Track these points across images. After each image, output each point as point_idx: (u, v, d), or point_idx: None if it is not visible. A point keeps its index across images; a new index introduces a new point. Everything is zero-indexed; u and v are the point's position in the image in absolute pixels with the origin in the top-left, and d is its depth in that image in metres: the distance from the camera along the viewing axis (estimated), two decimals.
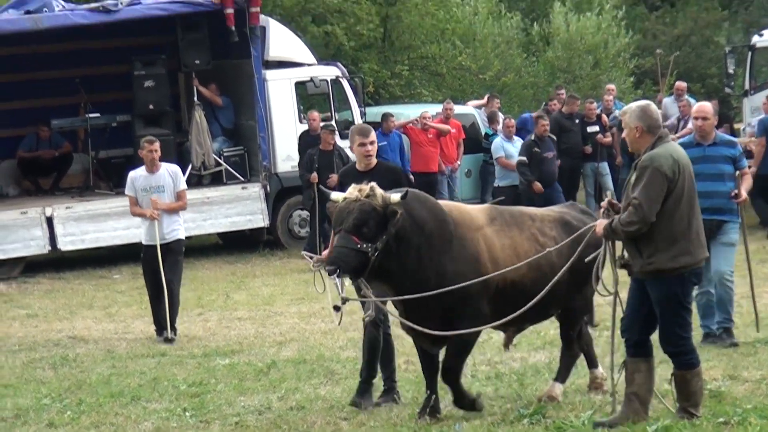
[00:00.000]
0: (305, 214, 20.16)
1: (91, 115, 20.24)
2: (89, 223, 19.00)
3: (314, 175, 18.93)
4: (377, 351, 9.69)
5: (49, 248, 18.91)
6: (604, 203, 8.54)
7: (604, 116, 21.87)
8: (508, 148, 20.42)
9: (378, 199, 8.44)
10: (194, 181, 20.47)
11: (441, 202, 9.23)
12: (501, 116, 21.90)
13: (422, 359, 9.25)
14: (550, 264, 8.98)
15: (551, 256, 8.97)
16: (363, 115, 21.39)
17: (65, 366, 12.22)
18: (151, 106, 20.00)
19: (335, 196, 8.69)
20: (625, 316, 8.52)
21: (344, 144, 20.77)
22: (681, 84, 22.89)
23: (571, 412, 9.00)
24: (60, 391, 10.95)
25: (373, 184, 8.57)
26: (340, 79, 21.37)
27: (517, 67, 29.91)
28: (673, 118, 21.19)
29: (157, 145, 13.55)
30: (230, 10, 19.94)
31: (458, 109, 22.70)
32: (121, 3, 19.81)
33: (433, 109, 22.59)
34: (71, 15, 19.48)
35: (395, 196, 8.45)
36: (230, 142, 20.99)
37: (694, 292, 11.17)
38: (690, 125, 12.98)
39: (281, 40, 21.29)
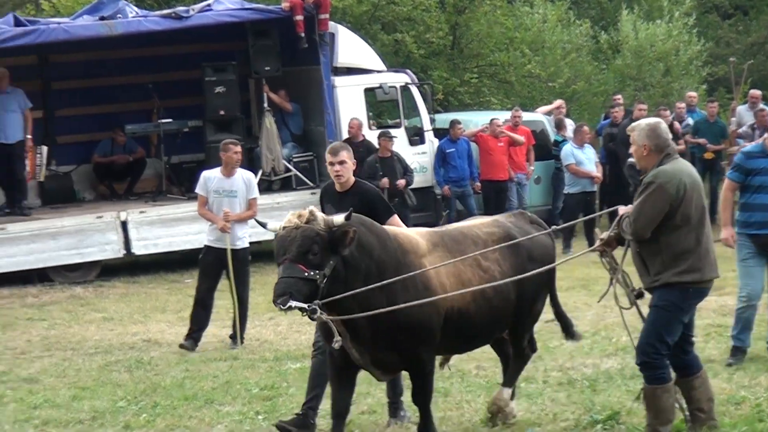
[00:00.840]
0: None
1: (164, 120, 20.34)
2: (162, 227, 19.13)
3: (385, 180, 19.21)
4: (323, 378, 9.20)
5: (124, 252, 19.06)
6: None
7: (676, 124, 21.65)
8: (578, 155, 20.29)
9: (320, 223, 8.02)
10: (264, 187, 20.48)
11: (384, 227, 8.76)
12: (569, 123, 21.77)
13: (334, 394, 8.75)
14: (495, 290, 8.75)
15: (495, 279, 8.73)
16: (432, 121, 21.43)
17: (140, 369, 12.32)
18: (221, 112, 20.07)
19: (272, 225, 8.27)
20: None
21: (414, 150, 20.99)
22: (756, 92, 22.62)
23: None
24: (135, 394, 11.05)
25: (312, 208, 8.16)
26: (410, 86, 21.38)
27: (586, 74, 29.75)
28: (747, 126, 20.97)
29: (240, 149, 13.53)
30: (300, 17, 19.98)
31: (527, 116, 22.56)
32: (193, 10, 19.98)
33: (502, 116, 22.46)
34: (144, 21, 19.62)
35: (338, 218, 8.04)
36: (300, 148, 21.03)
37: (740, 304, 11.09)
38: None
39: (350, 47, 21.33)
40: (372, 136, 20.59)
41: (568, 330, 9.90)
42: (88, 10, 20.29)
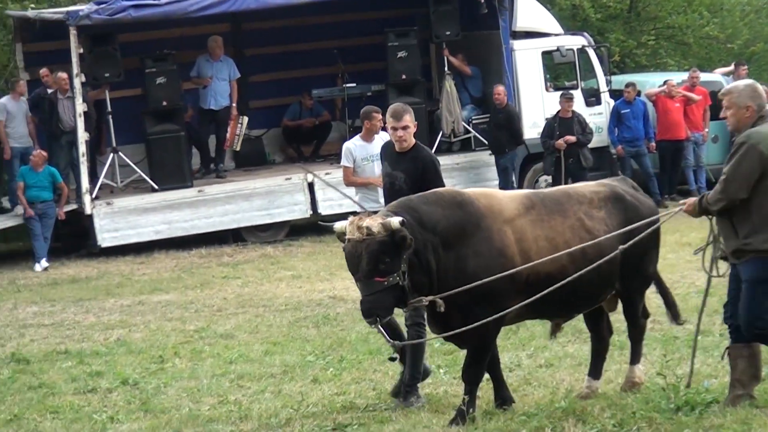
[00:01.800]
0: (549, 179, 20.03)
1: (348, 84, 20.50)
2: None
3: (560, 141, 19.18)
4: (421, 349, 9.06)
5: (311, 212, 19.32)
6: None
7: None
8: None
9: (381, 231, 7.77)
10: (444, 148, 20.63)
11: (469, 191, 8.52)
12: None
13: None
14: (599, 249, 8.31)
15: (600, 241, 8.32)
16: (609, 83, 21.20)
17: (327, 325, 12.49)
18: (403, 76, 20.15)
19: (338, 227, 8.09)
20: (727, 302, 8.10)
21: (590, 111, 20.75)
22: None
23: None
24: (323, 349, 11.22)
25: (368, 220, 7.83)
26: (587, 49, 21.15)
27: (765, 35, 28.97)
28: None
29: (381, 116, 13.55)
30: None
31: (704, 76, 22.12)
32: None
33: (679, 76, 22.14)
34: None
35: (395, 222, 7.78)
36: (479, 110, 21.03)
37: None
38: None
39: (529, 11, 21.17)
40: (549, 97, 20.43)
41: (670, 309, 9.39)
42: None
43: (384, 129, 13.85)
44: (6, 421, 9.35)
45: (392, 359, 8.65)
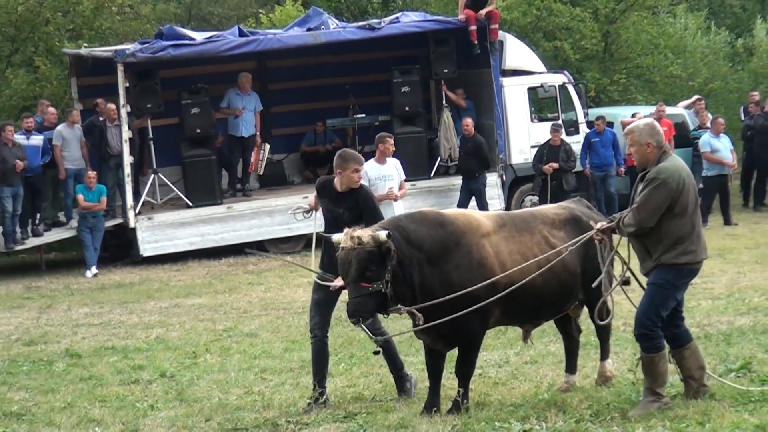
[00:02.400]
0: (535, 198, 20.03)
1: (358, 115, 20.57)
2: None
3: (547, 167, 19.21)
4: (325, 358, 8.88)
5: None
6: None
7: None
8: (715, 144, 19.79)
9: (370, 242, 7.71)
10: (442, 171, 20.66)
11: (448, 211, 8.45)
12: (708, 115, 21.30)
13: (429, 362, 8.44)
14: (561, 262, 8.23)
15: (564, 256, 8.25)
16: (586, 115, 21.22)
17: (339, 325, 12.39)
18: (407, 108, 20.18)
19: (335, 238, 8.04)
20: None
21: (570, 140, 20.73)
22: None
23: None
24: (335, 347, 11.10)
25: (360, 231, 7.78)
26: (567, 85, 21.18)
27: (723, 75, 29.03)
28: None
29: (392, 141, 13.76)
30: (473, 27, 20.00)
31: (669, 110, 22.08)
32: (384, 22, 20.15)
33: (647, 110, 22.11)
34: (343, 32, 19.83)
35: (382, 235, 7.72)
36: None
37: None
38: None
39: (516, 52, 21.20)
40: (534, 128, 20.47)
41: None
42: (298, 23, 20.67)
43: (395, 155, 14.01)
44: (61, 409, 9.35)
45: (376, 353, 8.53)
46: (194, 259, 18.57)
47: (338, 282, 8.29)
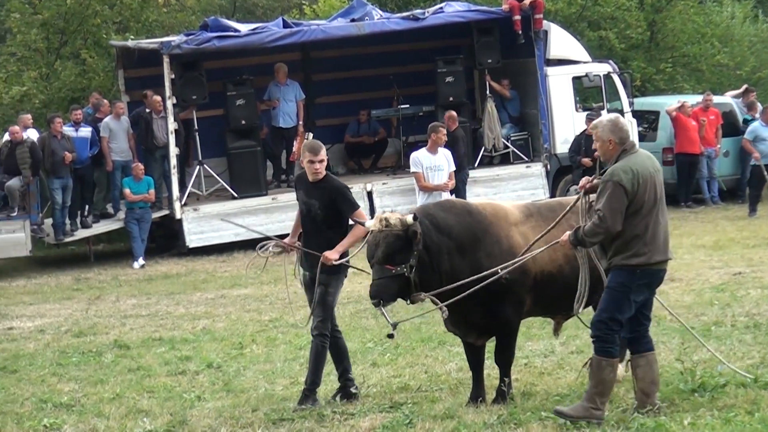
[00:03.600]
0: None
1: (402, 106, 20.50)
2: (401, 196, 19.28)
3: (586, 159, 18.89)
4: (323, 359, 8.80)
5: (370, 219, 19.21)
6: (580, 185, 7.86)
7: None
8: (763, 133, 19.54)
9: (398, 225, 7.85)
10: (486, 162, 20.61)
11: (475, 201, 8.41)
12: (759, 105, 21.09)
13: (468, 356, 8.46)
14: (589, 252, 8.03)
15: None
16: (631, 104, 20.97)
17: (382, 317, 12.43)
18: (451, 98, 20.09)
19: (368, 224, 8.18)
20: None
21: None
22: None
23: None
24: (380, 337, 11.15)
25: (389, 214, 7.97)
26: (612, 75, 20.99)
27: None
28: None
29: (444, 131, 13.81)
30: (518, 17, 19.93)
31: (716, 99, 21.92)
32: (428, 12, 20.12)
33: (693, 99, 21.98)
34: (387, 22, 19.81)
35: (409, 218, 7.85)
36: (516, 128, 20.99)
37: None
38: None
39: (561, 41, 21.04)
40: (579, 117, 20.29)
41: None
42: (342, 14, 20.69)
43: (412, 145, 14.09)
44: (110, 399, 9.42)
45: (390, 336, 8.49)
46: (240, 250, 18.62)
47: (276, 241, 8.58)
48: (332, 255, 8.56)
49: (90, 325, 13.13)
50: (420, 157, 13.75)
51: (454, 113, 18.86)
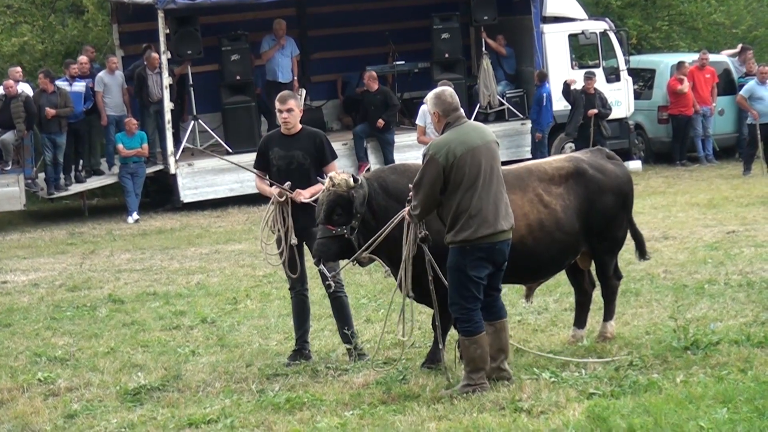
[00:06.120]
0: (573, 146, 19.86)
1: (398, 62, 20.45)
2: (397, 153, 19.24)
3: (592, 111, 19.13)
4: (349, 310, 8.89)
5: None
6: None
7: None
8: (758, 91, 19.44)
9: (342, 186, 7.82)
10: (481, 118, 20.40)
11: None
12: (755, 64, 20.99)
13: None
14: (555, 221, 8.05)
15: (556, 212, 8.02)
16: (627, 62, 20.93)
17: (377, 272, 12.36)
18: (446, 55, 20.04)
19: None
20: None
21: (610, 87, 20.52)
22: None
23: None
24: (374, 293, 11.19)
25: (336, 174, 7.93)
26: (608, 32, 20.91)
27: (767, 22, 28.51)
28: None
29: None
30: None
31: (712, 57, 21.87)
32: None
33: (690, 57, 21.91)
34: None
35: (351, 180, 7.81)
36: (512, 86, 20.95)
37: None
38: None
39: None
40: (575, 74, 20.20)
41: (640, 249, 8.91)
42: None
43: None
44: (104, 354, 9.42)
45: (327, 286, 8.50)
46: (234, 205, 18.60)
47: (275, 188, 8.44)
48: (305, 193, 8.50)
49: (84, 280, 13.11)
50: (425, 110, 13.63)
51: (373, 73, 19.03)
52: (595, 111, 19.42)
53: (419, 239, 7.64)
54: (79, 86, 18.54)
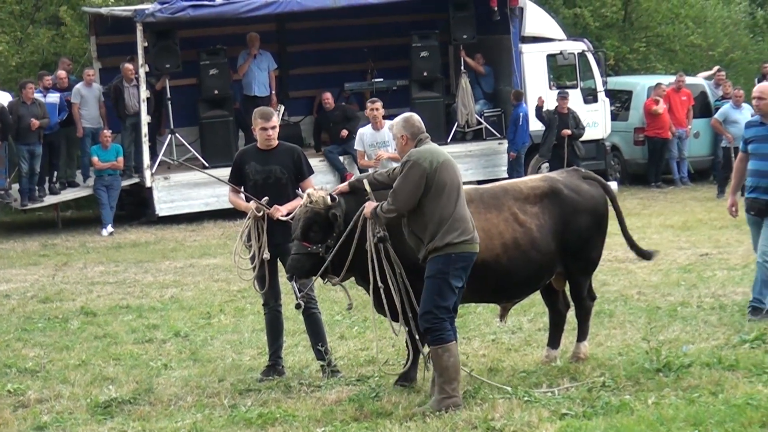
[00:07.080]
0: (548, 165, 19.94)
1: (377, 79, 20.49)
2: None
3: (565, 131, 19.22)
4: (322, 326, 8.90)
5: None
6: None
7: None
8: (734, 115, 19.59)
9: (319, 202, 7.80)
10: (458, 137, 20.59)
11: None
12: (730, 85, 21.17)
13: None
14: (530, 240, 8.07)
15: (532, 231, 8.07)
16: (605, 83, 21.03)
17: (352, 288, 12.31)
18: (425, 73, 20.09)
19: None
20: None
21: (588, 107, 20.62)
22: None
23: None
24: (356, 308, 11.09)
25: (314, 191, 7.88)
26: (586, 53, 21.01)
27: (744, 45, 28.81)
28: None
29: (378, 105, 13.00)
30: None
31: (689, 80, 22.02)
32: None
33: (666, 79, 22.07)
34: None
35: (328, 199, 7.80)
36: (490, 105, 20.97)
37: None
38: None
39: (536, 18, 21.02)
40: (553, 94, 20.30)
41: (642, 254, 8.99)
42: None
43: (386, 117, 13.52)
44: (75, 366, 9.37)
45: (297, 306, 8.39)
46: (209, 219, 18.57)
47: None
48: (282, 209, 8.50)
49: (56, 291, 13.05)
50: (362, 134, 13.17)
51: (328, 94, 19.18)
52: (569, 132, 19.54)
53: (377, 239, 7.66)
54: (53, 98, 18.49)
